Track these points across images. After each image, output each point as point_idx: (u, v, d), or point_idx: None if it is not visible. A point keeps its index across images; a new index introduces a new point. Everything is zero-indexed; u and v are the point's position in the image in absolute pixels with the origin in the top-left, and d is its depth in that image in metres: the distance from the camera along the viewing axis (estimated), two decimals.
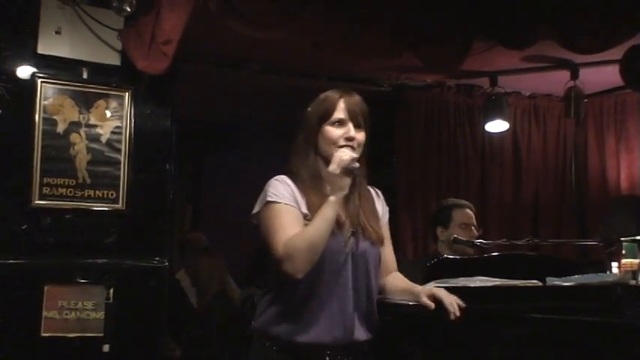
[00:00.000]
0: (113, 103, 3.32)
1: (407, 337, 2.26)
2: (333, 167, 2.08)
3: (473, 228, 3.65)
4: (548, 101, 5.33)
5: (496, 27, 3.52)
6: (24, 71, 3.20)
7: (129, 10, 3.16)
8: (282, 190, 2.13)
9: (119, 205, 3.29)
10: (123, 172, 3.30)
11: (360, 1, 3.36)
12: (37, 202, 3.15)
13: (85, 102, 3.27)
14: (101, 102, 3.30)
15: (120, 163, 3.30)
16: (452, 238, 3.40)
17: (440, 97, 5.12)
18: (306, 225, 2.09)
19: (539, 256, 3.28)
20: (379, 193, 2.36)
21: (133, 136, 3.33)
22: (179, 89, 3.48)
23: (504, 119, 4.86)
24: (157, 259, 3.31)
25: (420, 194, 4.99)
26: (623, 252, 2.75)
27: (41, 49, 3.20)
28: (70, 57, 3.25)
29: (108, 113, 3.30)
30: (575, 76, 4.57)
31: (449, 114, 5.13)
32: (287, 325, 2.09)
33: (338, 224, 2.10)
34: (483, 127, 4.98)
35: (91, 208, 3.24)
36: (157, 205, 3.39)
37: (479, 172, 5.20)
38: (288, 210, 2.10)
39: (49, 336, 3.11)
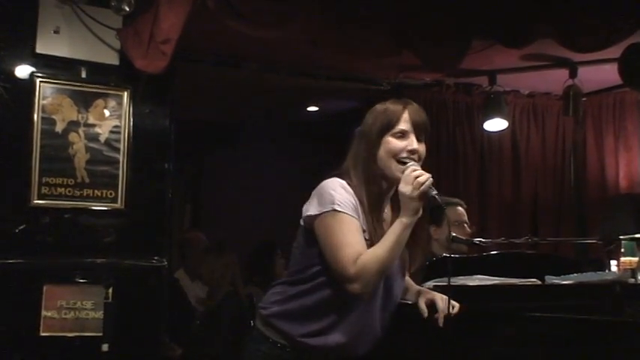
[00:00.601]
0: (112, 103, 3.31)
1: (407, 335, 2.26)
2: (409, 189, 1.94)
3: (465, 225, 3.66)
4: (547, 100, 5.34)
5: (495, 25, 3.52)
6: (22, 71, 3.19)
7: (127, 9, 3.16)
8: (348, 199, 2.00)
9: (118, 205, 3.28)
10: (122, 172, 3.29)
11: (359, 0, 3.36)
12: (35, 201, 3.15)
13: (84, 101, 3.26)
14: (100, 101, 3.29)
15: (119, 162, 3.29)
16: (450, 237, 3.40)
17: (439, 96, 5.12)
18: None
19: (539, 255, 3.29)
20: None
21: (131, 135, 3.32)
22: (178, 88, 3.48)
23: (503, 118, 4.87)
24: (155, 258, 3.31)
25: None
26: (622, 250, 2.76)
27: (40, 49, 3.20)
28: (69, 56, 3.24)
29: (107, 112, 3.30)
30: (573, 74, 4.57)
31: (448, 113, 5.14)
32: (302, 325, 2.04)
33: None
34: (482, 126, 4.99)
35: (89, 208, 3.24)
36: (156, 205, 3.38)
37: (478, 170, 5.21)
38: (355, 223, 1.98)
39: (48, 335, 3.11)
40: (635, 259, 2.67)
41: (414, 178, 1.94)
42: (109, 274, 3.20)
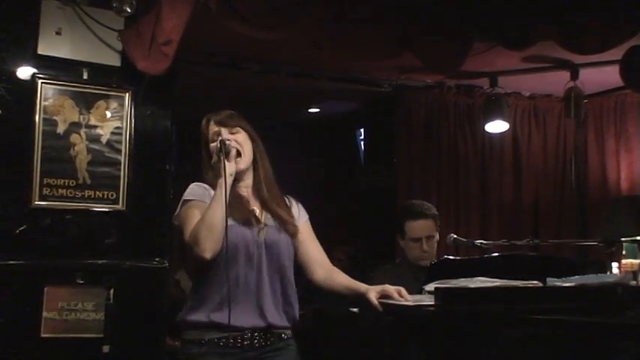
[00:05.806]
0: (113, 104, 3.32)
1: (408, 337, 2.26)
2: (214, 158, 2.38)
3: (423, 240, 3.31)
4: (548, 101, 5.34)
5: (496, 27, 3.52)
6: (24, 72, 3.20)
7: (129, 10, 3.16)
8: (196, 190, 2.40)
9: (119, 206, 3.29)
10: (123, 173, 3.30)
11: (360, 1, 3.36)
12: (37, 202, 3.15)
13: (85, 103, 3.27)
14: (101, 102, 3.30)
15: (120, 163, 3.30)
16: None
17: (440, 98, 5.12)
18: None
19: (540, 257, 3.29)
20: (293, 200, 2.58)
21: (133, 136, 3.33)
22: (179, 90, 3.48)
23: (504, 120, 4.86)
24: (156, 259, 3.31)
25: (420, 195, 4.97)
26: (624, 252, 2.75)
27: (41, 50, 3.20)
28: (71, 57, 3.25)
29: (108, 114, 3.30)
30: (575, 76, 4.57)
31: (449, 114, 5.14)
32: (206, 310, 2.27)
33: (254, 217, 2.36)
34: (483, 128, 4.99)
35: (91, 209, 3.24)
36: (157, 206, 3.39)
37: (479, 172, 5.21)
38: (198, 205, 2.33)
39: (48, 337, 3.11)
40: (637, 261, 2.66)
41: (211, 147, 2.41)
42: (110, 275, 3.21)
